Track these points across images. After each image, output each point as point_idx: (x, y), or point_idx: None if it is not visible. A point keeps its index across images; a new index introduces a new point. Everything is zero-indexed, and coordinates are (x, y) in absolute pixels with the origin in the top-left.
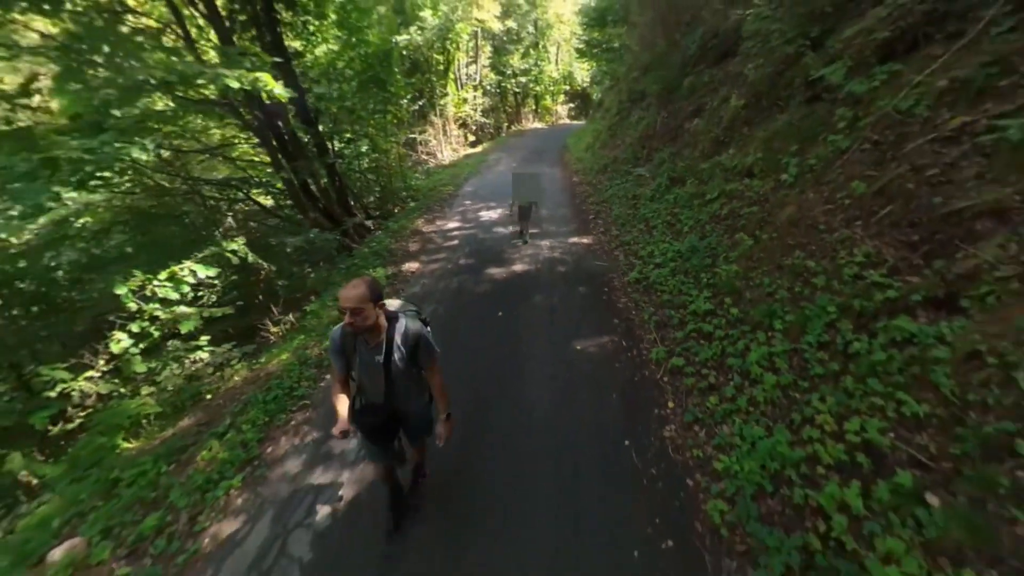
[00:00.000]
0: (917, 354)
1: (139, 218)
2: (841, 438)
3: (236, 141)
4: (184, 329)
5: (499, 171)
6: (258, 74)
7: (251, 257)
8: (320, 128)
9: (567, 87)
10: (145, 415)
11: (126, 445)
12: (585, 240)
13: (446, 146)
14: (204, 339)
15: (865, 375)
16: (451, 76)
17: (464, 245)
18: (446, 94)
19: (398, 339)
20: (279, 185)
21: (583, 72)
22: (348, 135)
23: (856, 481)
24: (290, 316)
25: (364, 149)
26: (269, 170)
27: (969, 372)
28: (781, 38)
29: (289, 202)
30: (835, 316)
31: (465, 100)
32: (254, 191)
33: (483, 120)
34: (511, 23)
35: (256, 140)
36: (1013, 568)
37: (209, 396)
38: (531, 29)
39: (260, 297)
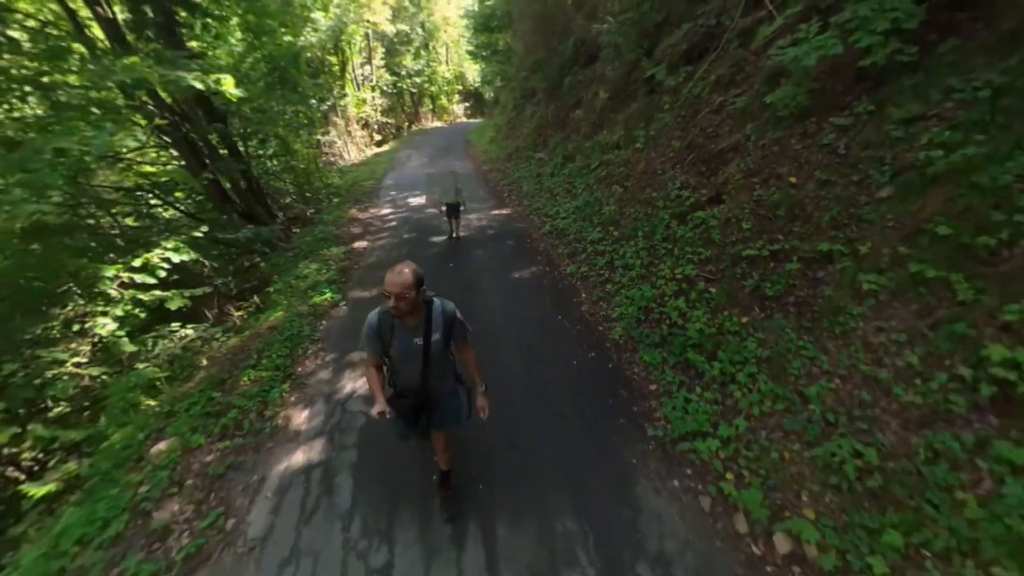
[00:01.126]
0: (705, 228)
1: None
2: (674, 280)
3: (142, 147)
4: (173, 306)
5: (412, 166)
6: (219, 75)
7: (189, 256)
8: (231, 130)
9: (460, 87)
10: (156, 378)
11: (149, 402)
12: (505, 211)
13: (352, 146)
14: (176, 325)
15: (684, 245)
16: (348, 77)
17: (403, 224)
18: (345, 95)
19: (436, 320)
20: (198, 190)
21: (474, 72)
22: (260, 136)
23: (683, 297)
24: (255, 298)
25: (272, 151)
26: (169, 176)
27: (727, 230)
28: (626, 48)
29: (211, 206)
30: (668, 220)
31: (364, 101)
32: (177, 195)
33: (384, 120)
34: (402, 25)
35: (165, 144)
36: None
37: (205, 362)
38: (420, 31)
39: (210, 290)
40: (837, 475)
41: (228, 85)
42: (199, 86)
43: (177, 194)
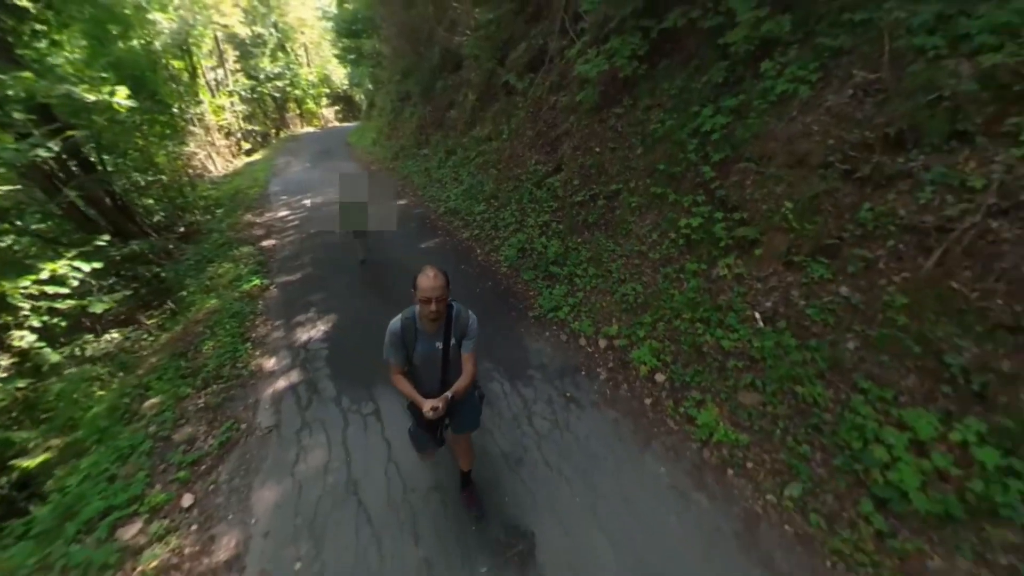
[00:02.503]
0: (552, 189)
1: None
2: (537, 226)
3: None
4: (98, 309)
5: (296, 171)
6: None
7: (97, 265)
8: (80, 143)
9: (327, 89)
10: (97, 375)
11: (100, 392)
12: (402, 202)
13: (217, 157)
14: (89, 336)
15: (541, 202)
16: (199, 83)
17: (306, 222)
18: (200, 102)
19: (455, 324)
20: (54, 212)
21: (341, 75)
22: (120, 150)
23: (543, 235)
24: (168, 304)
25: (132, 164)
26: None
27: (565, 188)
28: (484, 59)
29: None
30: (530, 188)
31: (223, 108)
32: (30, 218)
33: (248, 128)
34: (256, 27)
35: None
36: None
37: (147, 353)
38: (273, 32)
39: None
40: (626, 304)
41: (121, 96)
42: (92, 98)
43: (30, 218)
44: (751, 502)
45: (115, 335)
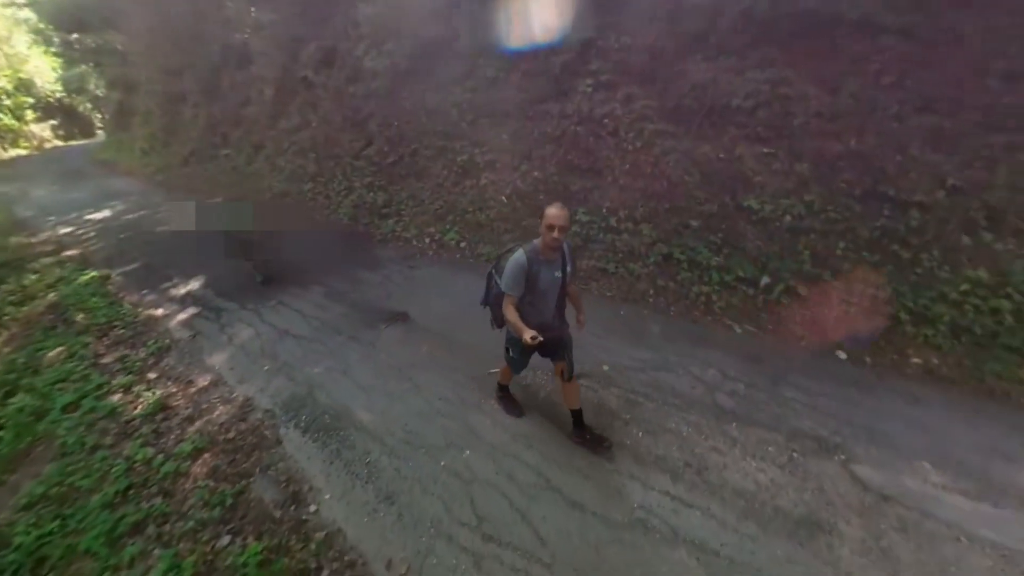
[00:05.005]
0: (369, 158)
1: None
2: (363, 186)
3: None
4: None
5: (41, 195)
6: None
7: None
8: None
9: (31, 100)
10: None
11: None
12: (217, 200)
13: None
14: None
15: (361, 169)
16: None
17: (109, 230)
18: None
19: (568, 256)
20: None
21: (49, 78)
22: None
23: (371, 192)
24: None
25: None
26: None
27: (378, 155)
28: (277, 55)
29: None
30: (352, 161)
31: None
32: None
33: None
34: None
35: None
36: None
37: None
38: None
39: None
40: (436, 214)
41: None
42: None
43: None
44: None
45: None
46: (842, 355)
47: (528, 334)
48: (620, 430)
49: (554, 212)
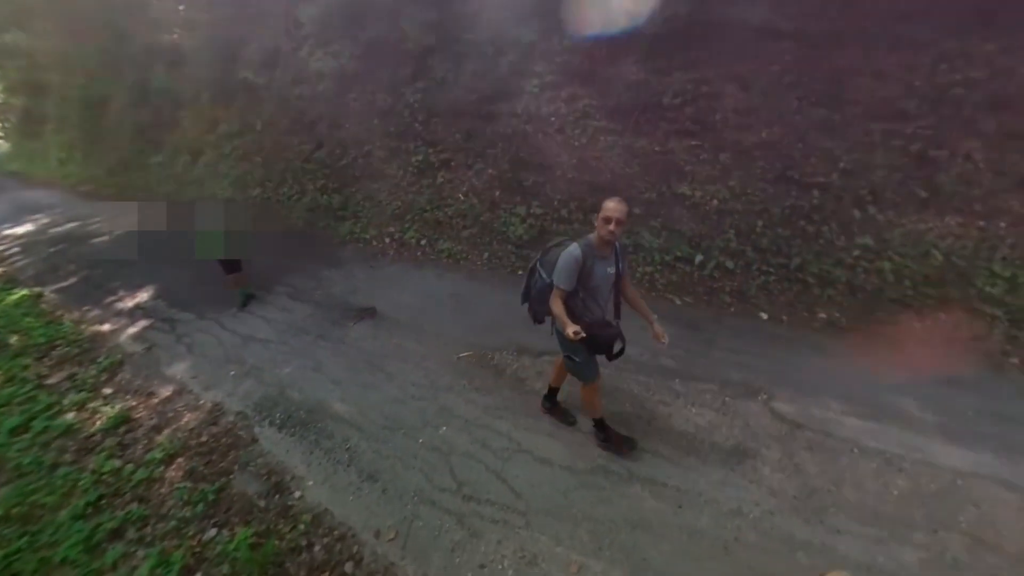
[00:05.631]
0: (321, 160)
1: None
2: (311, 187)
3: None
4: None
5: None
6: None
7: None
8: None
9: None
10: None
11: None
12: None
13: None
14: None
15: (313, 171)
16: None
17: (38, 244)
18: None
19: (621, 253)
20: None
21: None
22: None
23: (323, 195)
24: None
25: None
26: None
27: (326, 150)
28: (214, 57)
29: None
30: (302, 165)
31: None
32: None
33: None
34: None
35: None
36: None
37: None
38: None
39: None
40: (394, 214)
41: None
42: None
43: None
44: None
45: None
46: (764, 315)
47: (571, 328)
48: (579, 395)
49: (612, 205)
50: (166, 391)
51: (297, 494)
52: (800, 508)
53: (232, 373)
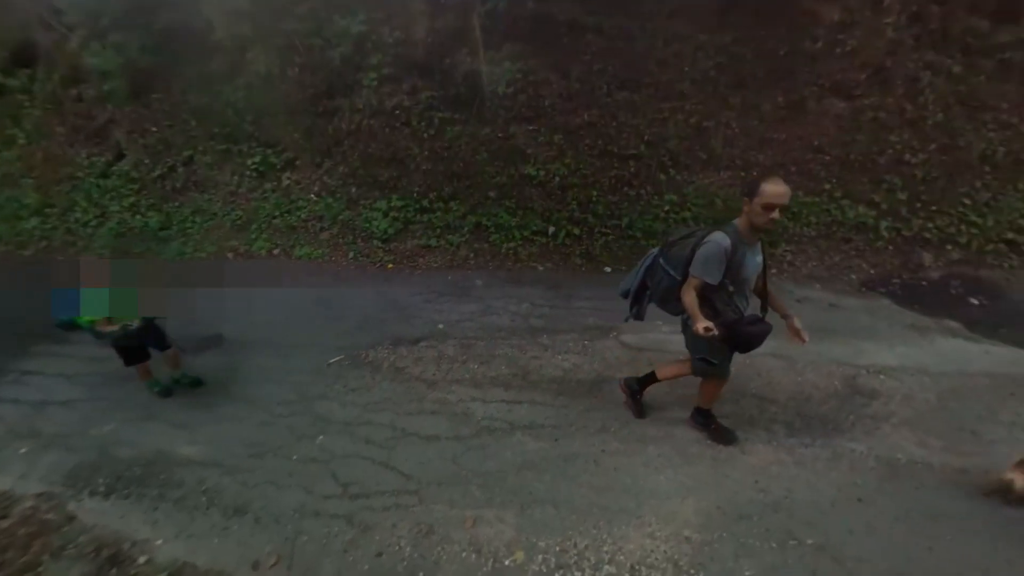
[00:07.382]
0: (120, 175)
1: None
2: (112, 212)
3: None
4: None
5: None
6: None
7: None
8: None
9: None
10: None
11: None
12: None
13: None
14: None
15: (119, 189)
16: None
17: None
18: None
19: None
20: None
21: None
22: None
23: (111, 220)
24: None
25: None
26: None
27: (139, 166)
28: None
29: None
30: (98, 181)
31: None
32: None
33: None
34: None
35: None
36: None
37: None
38: None
39: None
40: (235, 225)
41: None
42: None
43: None
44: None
45: None
46: (608, 269)
47: (702, 324)
48: (459, 370)
49: (781, 190)
50: None
51: (143, 559)
52: None
53: (23, 451)
